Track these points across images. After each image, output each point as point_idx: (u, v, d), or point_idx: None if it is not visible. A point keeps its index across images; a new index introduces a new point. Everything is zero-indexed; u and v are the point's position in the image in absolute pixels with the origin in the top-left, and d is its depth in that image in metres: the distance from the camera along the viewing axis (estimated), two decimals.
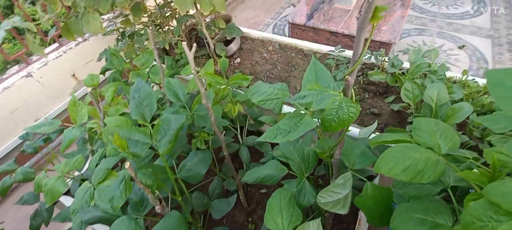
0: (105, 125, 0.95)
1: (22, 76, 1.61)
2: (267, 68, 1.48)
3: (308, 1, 2.09)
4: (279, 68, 1.47)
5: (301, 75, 1.42)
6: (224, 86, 1.05)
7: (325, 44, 1.96)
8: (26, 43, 0.84)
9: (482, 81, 1.12)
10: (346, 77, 0.41)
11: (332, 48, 1.46)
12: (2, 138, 1.61)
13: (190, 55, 0.70)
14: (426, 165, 0.40)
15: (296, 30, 2.00)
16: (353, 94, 0.44)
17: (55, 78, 1.76)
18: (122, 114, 1.01)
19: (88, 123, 0.97)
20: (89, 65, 1.91)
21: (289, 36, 2.13)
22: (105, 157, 0.88)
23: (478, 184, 0.38)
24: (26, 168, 0.96)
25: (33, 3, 0.89)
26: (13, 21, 0.81)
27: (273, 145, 1.05)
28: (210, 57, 1.57)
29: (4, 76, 1.62)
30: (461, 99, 1.01)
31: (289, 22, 1.98)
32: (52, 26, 1.09)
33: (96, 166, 0.87)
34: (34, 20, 0.94)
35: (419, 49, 1.19)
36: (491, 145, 1.00)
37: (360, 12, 1.13)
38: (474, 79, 1.13)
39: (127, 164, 0.51)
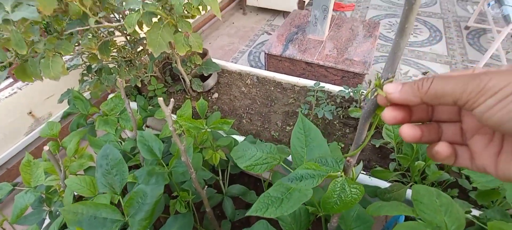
0: (65, 185, 0.83)
1: None
2: (246, 104, 1.44)
3: (282, 32, 2.12)
4: (259, 103, 1.44)
5: (281, 110, 1.40)
6: (204, 130, 0.99)
7: (301, 74, 1.99)
8: None
9: None
10: (348, 158, 0.38)
11: (311, 82, 1.47)
12: None
13: (167, 111, 0.63)
14: None
15: (273, 60, 2.00)
16: (354, 173, 0.40)
17: (8, 117, 1.56)
18: (88, 169, 0.90)
19: (46, 180, 0.84)
20: (50, 100, 1.74)
21: (265, 66, 2.13)
22: (66, 225, 0.76)
23: None
24: None
25: None
26: None
27: (259, 194, 0.98)
28: (185, 92, 1.50)
29: None
30: None
31: (265, 53, 1.98)
32: (3, 68, 0.96)
33: None
34: None
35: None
36: (468, 180, 1.02)
37: (364, 101, 1.18)
38: None
39: None
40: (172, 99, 0.64)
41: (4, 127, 1.55)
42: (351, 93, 1.24)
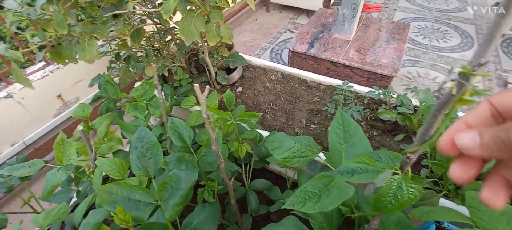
0: (95, 166, 0.84)
1: (2, 97, 1.46)
2: (270, 99, 1.42)
3: (308, 30, 2.08)
4: (283, 100, 1.42)
5: (305, 108, 1.37)
6: (230, 122, 0.98)
7: (325, 73, 1.94)
8: (12, 73, 0.74)
9: None
10: (408, 155, 0.35)
11: (338, 81, 1.43)
12: None
13: (202, 98, 0.62)
14: None
15: (296, 58, 1.97)
16: (410, 172, 0.37)
17: (39, 99, 1.62)
18: (116, 152, 0.91)
19: (76, 160, 0.85)
20: (78, 85, 1.79)
21: (288, 64, 2.10)
22: (94, 204, 0.77)
23: None
24: None
25: (22, 29, 0.79)
26: None
27: (282, 189, 0.96)
28: (209, 84, 1.50)
29: None
30: None
31: (289, 50, 1.95)
32: (40, 49, 0.99)
33: (83, 216, 0.76)
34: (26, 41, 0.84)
35: (428, 89, 1.17)
36: None
37: (440, 93, 1.10)
38: None
39: None
40: (207, 87, 0.63)
41: (35, 108, 1.61)
42: (382, 95, 1.19)
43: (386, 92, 1.18)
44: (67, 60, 1.04)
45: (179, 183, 0.53)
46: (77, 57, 0.94)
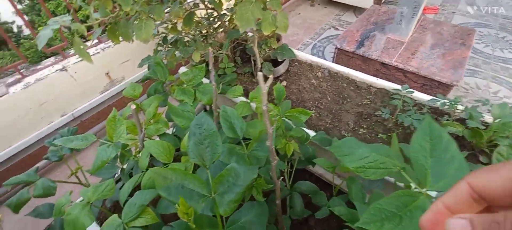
0: (143, 146, 0.84)
1: (57, 70, 1.55)
2: (315, 97, 1.34)
3: (358, 27, 1.95)
4: (329, 99, 1.33)
5: (354, 110, 1.27)
6: (278, 117, 0.92)
7: (373, 75, 1.81)
8: (73, 46, 0.75)
9: None
10: None
11: (394, 85, 1.31)
12: (25, 130, 1.55)
13: (264, 88, 0.57)
14: None
15: (343, 56, 1.86)
16: None
17: (89, 74, 1.70)
18: (162, 134, 0.90)
19: (125, 138, 0.86)
20: (125, 65, 1.85)
21: (333, 61, 1.99)
22: (139, 185, 0.76)
23: None
24: (47, 180, 0.86)
25: (85, 3, 0.80)
26: (63, 20, 0.71)
27: (329, 194, 0.89)
28: (253, 75, 1.45)
29: (38, 67, 1.56)
30: None
31: (336, 47, 1.84)
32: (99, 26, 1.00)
33: (128, 196, 0.76)
34: (81, 21, 0.85)
35: (504, 104, 1.02)
36: None
37: None
38: None
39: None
40: (271, 77, 0.58)
41: (84, 82, 1.69)
42: (447, 106, 1.06)
43: (452, 103, 1.05)
44: (121, 38, 1.05)
45: (237, 179, 0.49)
46: (133, 35, 0.94)
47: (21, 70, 1.50)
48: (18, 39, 4.11)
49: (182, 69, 1.43)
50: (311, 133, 1.08)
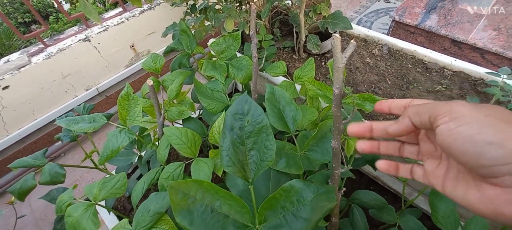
0: (162, 133, 0.67)
1: (80, 39, 1.44)
2: (371, 79, 1.08)
3: None
4: (389, 82, 1.07)
5: (422, 97, 1.01)
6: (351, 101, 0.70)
7: None
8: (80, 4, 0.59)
9: None
10: None
11: (479, 68, 1.02)
12: (50, 103, 1.48)
13: (342, 61, 0.37)
14: None
15: (401, 31, 1.54)
16: None
17: (113, 46, 1.57)
18: (187, 119, 0.72)
19: (141, 121, 0.69)
20: (151, 37, 1.70)
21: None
22: (156, 185, 0.60)
23: None
24: (56, 166, 0.73)
25: None
26: None
27: (398, 202, 0.68)
28: (293, 51, 1.22)
29: (61, 36, 1.46)
30: None
31: (393, 20, 1.53)
32: None
33: (142, 197, 0.60)
34: None
35: None
36: None
37: None
38: None
39: None
40: (353, 42, 0.36)
41: (109, 55, 1.57)
42: None
43: None
44: (143, 1, 0.87)
45: (301, 208, 0.29)
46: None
47: (44, 40, 1.41)
48: (57, 14, 4.19)
49: (211, 41, 1.24)
50: None
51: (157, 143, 0.71)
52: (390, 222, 0.65)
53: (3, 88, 1.29)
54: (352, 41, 0.35)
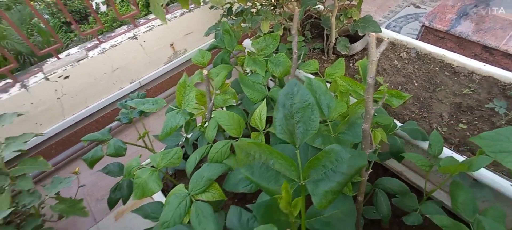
0: (210, 117, 0.78)
1: (128, 37, 1.61)
2: (398, 81, 1.14)
3: (454, 2, 1.61)
4: (416, 84, 1.12)
5: (449, 100, 1.04)
6: (362, 98, 0.78)
7: None
8: (151, 5, 0.71)
9: None
10: None
11: (506, 72, 1.04)
12: (100, 93, 1.66)
13: (375, 55, 0.45)
14: None
15: (431, 36, 1.57)
16: None
17: (156, 44, 1.74)
18: (229, 106, 0.83)
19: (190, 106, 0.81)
20: (188, 37, 1.85)
21: None
22: (206, 157, 0.71)
23: None
24: (119, 141, 0.87)
25: None
26: None
27: (420, 197, 0.73)
28: (322, 52, 1.30)
29: (113, 34, 1.65)
30: None
31: (423, 25, 1.56)
32: None
33: (195, 167, 0.71)
34: None
35: None
36: None
37: None
38: None
39: None
40: (386, 39, 0.44)
41: (152, 52, 1.74)
42: None
43: None
44: (190, 2, 1.00)
45: (339, 165, 0.38)
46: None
47: (99, 37, 1.59)
48: (97, 14, 4.53)
49: (247, 41, 1.35)
50: (397, 123, 0.91)
51: (204, 125, 0.82)
52: (412, 207, 0.71)
53: (64, 78, 1.49)
54: (385, 38, 0.43)
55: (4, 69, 1.37)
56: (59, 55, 1.53)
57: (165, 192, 0.89)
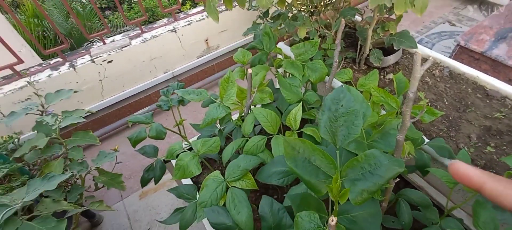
0: (247, 112, 0.84)
1: (168, 30, 1.71)
2: (429, 98, 1.15)
3: (492, 24, 1.59)
4: (446, 103, 1.13)
5: (478, 122, 1.05)
6: (394, 110, 0.81)
7: None
8: (205, 4, 0.78)
9: None
10: None
11: None
12: (136, 79, 1.78)
13: (420, 70, 0.48)
14: None
15: (465, 56, 1.55)
16: None
17: (192, 39, 1.83)
18: (266, 104, 0.89)
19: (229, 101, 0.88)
20: (222, 34, 1.93)
21: None
22: (243, 148, 0.77)
23: None
24: (160, 125, 0.95)
25: None
26: None
27: (440, 213, 0.76)
28: (354, 62, 1.33)
29: (154, 26, 1.76)
30: None
31: (458, 44, 1.55)
32: None
33: (231, 157, 0.78)
34: None
35: None
36: None
37: None
38: None
39: None
40: (431, 58, 0.48)
41: (187, 45, 1.83)
42: None
43: None
44: (234, 4, 1.07)
45: (377, 168, 0.43)
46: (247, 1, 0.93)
47: (142, 26, 1.71)
48: (130, 4, 4.75)
49: (281, 44, 1.41)
50: (425, 139, 0.93)
51: (241, 120, 0.89)
52: (433, 221, 0.74)
53: (108, 62, 1.61)
54: (430, 57, 0.47)
55: (58, 48, 1.51)
56: (105, 40, 1.65)
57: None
